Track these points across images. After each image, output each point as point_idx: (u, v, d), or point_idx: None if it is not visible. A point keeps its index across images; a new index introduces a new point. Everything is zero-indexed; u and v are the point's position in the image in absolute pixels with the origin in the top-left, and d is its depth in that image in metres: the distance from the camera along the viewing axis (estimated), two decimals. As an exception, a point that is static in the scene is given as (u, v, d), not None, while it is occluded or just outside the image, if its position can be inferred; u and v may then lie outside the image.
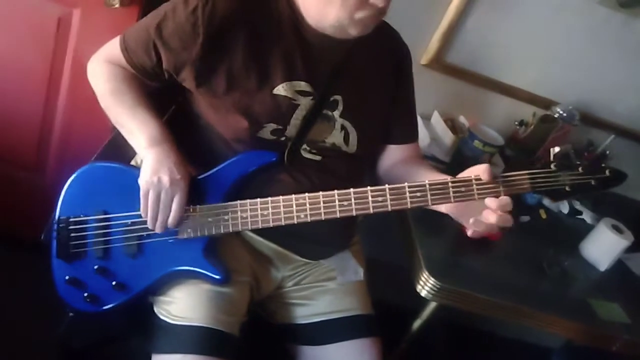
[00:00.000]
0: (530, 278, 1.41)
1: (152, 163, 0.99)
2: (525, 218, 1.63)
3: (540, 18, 1.71)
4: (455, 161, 1.66)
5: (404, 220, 1.42)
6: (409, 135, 1.23)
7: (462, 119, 1.82)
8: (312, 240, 1.13)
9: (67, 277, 1.04)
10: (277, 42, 1.02)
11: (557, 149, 1.00)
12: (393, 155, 1.22)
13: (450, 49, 1.75)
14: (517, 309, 1.30)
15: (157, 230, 1.01)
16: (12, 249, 1.62)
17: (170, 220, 1.00)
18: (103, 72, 1.10)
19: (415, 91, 1.24)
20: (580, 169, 0.97)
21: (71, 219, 1.05)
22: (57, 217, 1.06)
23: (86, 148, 1.20)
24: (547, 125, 1.69)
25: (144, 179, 0.99)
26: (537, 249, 1.52)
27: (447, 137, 1.70)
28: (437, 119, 1.79)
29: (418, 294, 1.26)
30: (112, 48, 1.09)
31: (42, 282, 1.06)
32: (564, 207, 1.77)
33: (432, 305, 1.35)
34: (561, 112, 1.75)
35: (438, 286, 1.21)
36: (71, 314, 1.10)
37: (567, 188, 0.97)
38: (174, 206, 0.99)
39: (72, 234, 1.04)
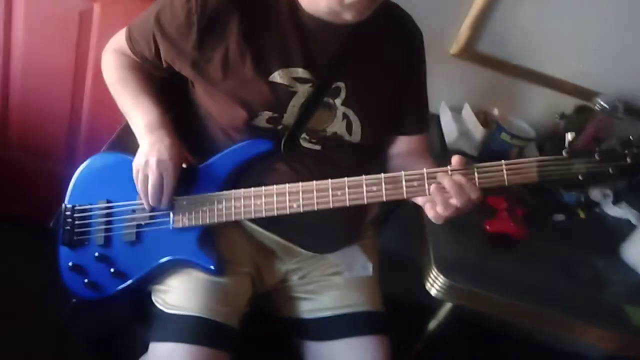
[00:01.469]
0: (558, 281, 1.30)
1: (145, 147, 1.00)
2: (560, 217, 1.53)
3: (580, 1, 1.59)
4: (483, 155, 1.58)
5: (418, 212, 1.35)
6: (417, 126, 1.18)
7: (495, 112, 1.72)
8: (315, 234, 1.10)
9: (70, 264, 1.07)
10: (274, 28, 1.00)
11: (572, 134, 0.91)
12: (399, 146, 1.17)
13: (482, 37, 1.65)
14: (540, 313, 1.20)
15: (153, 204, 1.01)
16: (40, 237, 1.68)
17: (163, 200, 1.00)
18: (112, 61, 1.14)
19: (443, 83, 1.19)
20: (596, 155, 0.89)
21: (77, 207, 1.08)
22: (64, 205, 1.09)
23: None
24: (582, 117, 1.57)
25: (135, 162, 1.01)
26: (570, 250, 1.41)
27: (478, 130, 1.62)
28: (467, 112, 1.71)
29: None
30: (121, 37, 1.12)
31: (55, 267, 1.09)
32: (610, 209, 1.63)
33: (449, 304, 1.28)
34: (603, 103, 1.62)
35: (448, 284, 1.14)
36: (74, 300, 1.13)
37: (580, 177, 0.89)
38: (163, 188, 0.99)
39: (77, 222, 1.07)
